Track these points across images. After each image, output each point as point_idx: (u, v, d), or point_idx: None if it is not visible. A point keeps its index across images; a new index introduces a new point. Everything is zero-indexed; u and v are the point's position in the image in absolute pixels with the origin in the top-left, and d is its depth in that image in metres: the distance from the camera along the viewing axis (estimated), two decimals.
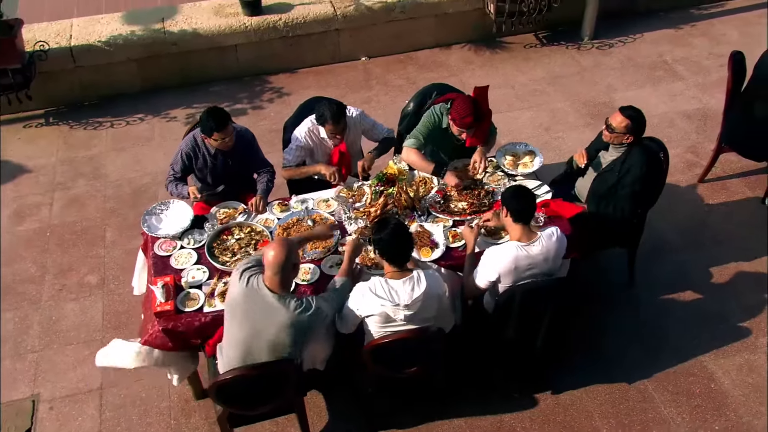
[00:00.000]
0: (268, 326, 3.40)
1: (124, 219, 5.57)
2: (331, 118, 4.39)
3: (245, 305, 3.42)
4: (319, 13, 6.81)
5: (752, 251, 5.15)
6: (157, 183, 5.85)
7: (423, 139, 4.63)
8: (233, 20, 6.67)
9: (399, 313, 3.54)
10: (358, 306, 3.60)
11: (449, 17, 7.17)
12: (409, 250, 3.61)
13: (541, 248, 3.74)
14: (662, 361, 4.47)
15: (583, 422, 4.19)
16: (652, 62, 7.11)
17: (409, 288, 3.55)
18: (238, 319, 3.45)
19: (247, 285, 3.42)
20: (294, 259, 3.44)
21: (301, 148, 4.65)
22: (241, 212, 4.39)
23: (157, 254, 4.15)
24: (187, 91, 6.78)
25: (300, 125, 4.68)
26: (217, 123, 4.25)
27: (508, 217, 3.75)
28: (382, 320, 3.59)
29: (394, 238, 3.55)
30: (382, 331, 3.63)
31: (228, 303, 3.53)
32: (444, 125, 4.61)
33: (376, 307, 3.55)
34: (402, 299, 3.52)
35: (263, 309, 3.39)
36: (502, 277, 3.73)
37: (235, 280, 3.47)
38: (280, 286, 3.41)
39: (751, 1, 7.96)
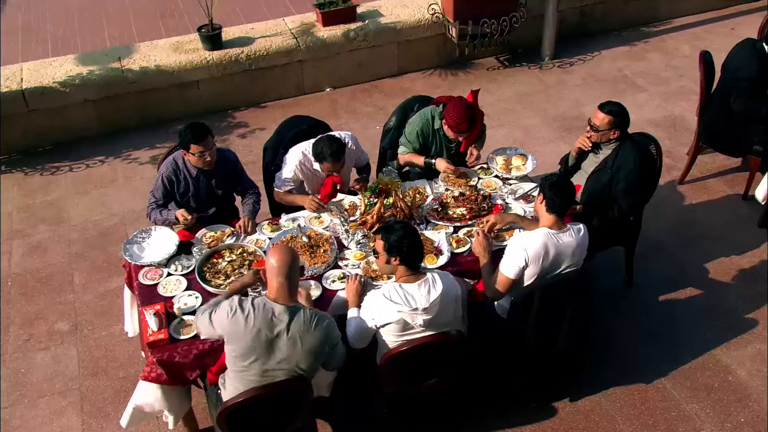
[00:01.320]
0: (282, 344, 3.10)
1: (92, 262, 5.20)
2: (330, 157, 4.18)
3: (251, 328, 3.09)
4: (281, 44, 6.70)
5: (743, 245, 5.15)
6: (125, 223, 5.52)
7: (416, 143, 4.52)
8: (194, 55, 6.49)
9: (417, 318, 3.32)
10: (374, 315, 3.37)
11: (411, 44, 7.16)
12: (422, 249, 3.43)
13: (570, 239, 3.61)
14: (675, 359, 4.35)
15: (606, 427, 4.00)
16: (613, 77, 7.22)
17: (425, 291, 3.34)
18: (244, 348, 3.12)
19: (243, 311, 3.09)
20: (300, 262, 3.23)
21: (289, 180, 4.43)
22: (228, 235, 4.13)
23: (142, 283, 3.83)
24: (149, 131, 6.51)
25: (290, 153, 4.44)
26: (195, 134, 4.02)
27: (542, 204, 3.62)
28: (400, 328, 3.36)
29: (407, 238, 3.36)
30: (399, 341, 3.40)
31: (227, 337, 3.17)
32: (436, 126, 4.52)
33: (392, 315, 3.32)
34: (420, 303, 3.31)
35: (272, 325, 3.09)
36: (531, 264, 3.56)
37: (222, 316, 3.13)
38: (289, 295, 3.14)
39: (695, 18, 8.25)
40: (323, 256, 3.93)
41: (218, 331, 3.17)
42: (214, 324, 3.17)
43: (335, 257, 3.93)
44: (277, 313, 3.09)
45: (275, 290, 3.15)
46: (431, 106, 4.62)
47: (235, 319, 3.08)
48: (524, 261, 3.57)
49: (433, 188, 4.43)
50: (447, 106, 4.38)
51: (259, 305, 3.10)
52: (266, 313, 3.09)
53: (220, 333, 3.16)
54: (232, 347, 3.14)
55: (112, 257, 5.22)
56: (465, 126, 4.31)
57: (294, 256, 3.19)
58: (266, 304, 3.12)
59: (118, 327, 4.64)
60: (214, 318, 3.16)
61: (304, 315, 3.13)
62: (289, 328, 3.08)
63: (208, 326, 3.21)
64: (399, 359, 3.35)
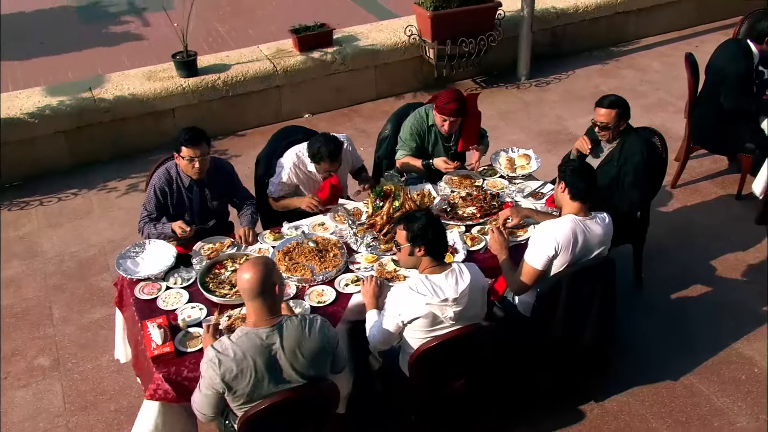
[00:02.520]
0: (283, 363, 2.81)
1: (72, 294, 4.85)
2: (328, 157, 4.01)
3: (246, 365, 2.76)
4: (258, 69, 6.55)
5: (744, 242, 5.10)
6: (105, 253, 5.20)
7: (412, 142, 4.40)
8: (169, 83, 6.29)
9: (447, 310, 3.11)
10: (400, 311, 3.14)
11: (389, 67, 7.11)
12: (446, 238, 3.23)
13: (598, 227, 3.48)
14: (697, 355, 4.21)
15: (638, 426, 3.81)
16: (590, 93, 7.25)
17: (453, 281, 3.14)
18: (248, 387, 2.80)
19: (227, 355, 2.74)
20: (275, 278, 2.83)
21: (284, 184, 4.24)
22: (228, 246, 3.88)
23: (139, 298, 3.54)
24: (124, 162, 6.23)
25: (284, 157, 4.26)
26: (189, 137, 3.80)
27: (565, 192, 3.48)
28: (428, 323, 3.13)
29: (431, 225, 3.17)
30: (428, 338, 3.16)
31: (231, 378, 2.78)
32: (430, 122, 4.42)
33: (420, 308, 3.10)
34: (449, 294, 3.10)
35: (265, 351, 2.77)
36: (561, 253, 3.39)
37: (211, 377, 2.76)
38: (267, 313, 2.80)
39: (660, 38, 8.44)
40: (333, 261, 3.71)
41: (218, 389, 2.78)
42: (208, 390, 2.79)
43: (346, 261, 3.72)
44: (265, 337, 2.78)
45: (252, 315, 2.82)
46: (424, 106, 4.51)
47: (224, 369, 2.72)
48: (554, 250, 3.40)
49: (438, 191, 4.27)
50: (438, 94, 4.34)
51: (241, 340, 2.77)
52: (252, 343, 2.76)
53: (220, 390, 2.78)
54: (234, 396, 2.80)
55: (93, 288, 4.88)
56: (452, 106, 4.20)
57: (267, 272, 2.78)
58: (248, 333, 2.78)
59: (105, 358, 4.30)
60: (204, 385, 2.80)
61: (293, 324, 2.84)
62: (283, 346, 2.79)
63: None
64: (430, 355, 3.11)
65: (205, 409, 2.88)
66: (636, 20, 8.28)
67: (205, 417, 2.94)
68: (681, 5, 8.44)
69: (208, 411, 2.88)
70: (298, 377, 2.82)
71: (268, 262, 2.87)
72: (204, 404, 2.87)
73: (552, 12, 7.69)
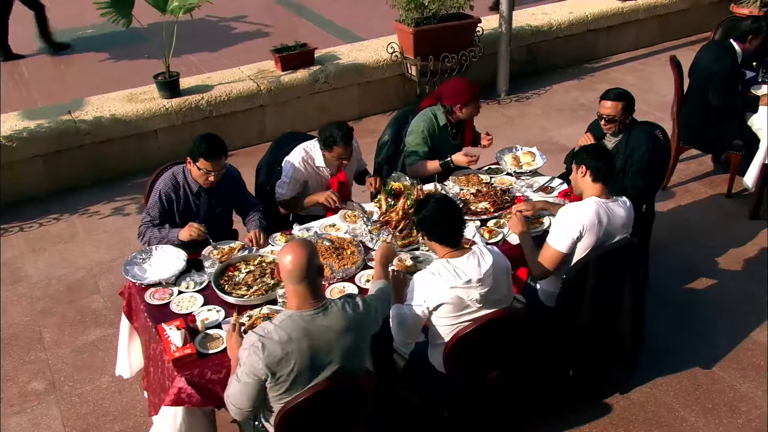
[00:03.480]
0: (333, 346, 2.69)
1: (63, 316, 4.60)
2: (341, 139, 3.94)
3: (292, 349, 2.63)
4: (242, 89, 6.46)
5: (742, 237, 5.16)
6: (94, 275, 4.97)
7: (424, 146, 4.34)
8: (151, 104, 6.14)
9: (472, 292, 3.00)
10: (425, 297, 3.03)
11: (371, 85, 7.09)
12: (460, 224, 3.12)
13: (620, 209, 3.44)
14: (713, 344, 4.19)
15: (667, 416, 3.74)
16: (570, 105, 7.37)
17: (475, 263, 3.04)
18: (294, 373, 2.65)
19: (272, 340, 2.61)
20: (317, 261, 2.74)
21: (295, 179, 4.13)
22: (239, 249, 3.73)
23: (151, 304, 3.36)
24: (105, 186, 6.02)
25: (291, 155, 4.17)
26: (209, 149, 3.66)
27: (586, 176, 3.44)
28: (455, 308, 3.02)
29: (439, 213, 3.08)
30: (456, 324, 3.05)
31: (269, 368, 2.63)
32: (441, 122, 4.38)
33: (445, 292, 2.99)
34: (472, 275, 3.00)
35: (308, 335, 2.64)
36: (586, 234, 3.34)
37: (254, 363, 2.61)
38: (311, 296, 2.69)
39: (628, 55, 8.65)
40: (351, 258, 3.59)
41: (261, 377, 2.63)
42: (249, 378, 2.64)
43: (363, 258, 3.60)
44: (310, 320, 2.65)
45: (295, 298, 2.69)
46: (428, 108, 4.48)
47: (268, 354, 2.59)
48: (579, 232, 3.35)
49: (447, 190, 4.21)
50: (442, 87, 4.40)
51: (285, 323, 2.64)
52: (297, 325, 2.63)
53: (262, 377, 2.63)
54: (275, 383, 2.65)
55: (85, 310, 4.64)
56: (477, 89, 4.35)
57: (311, 253, 2.70)
58: (291, 316, 2.66)
59: (105, 379, 4.07)
60: (244, 374, 2.64)
61: (337, 306, 2.73)
62: (330, 328, 2.67)
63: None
64: (467, 341, 2.99)
65: (243, 401, 2.70)
66: (606, 37, 8.48)
67: (240, 412, 2.75)
68: (646, 23, 8.70)
69: (246, 403, 2.70)
70: (341, 362, 2.69)
71: (310, 244, 2.77)
72: (242, 396, 2.69)
73: (527, 29, 7.82)
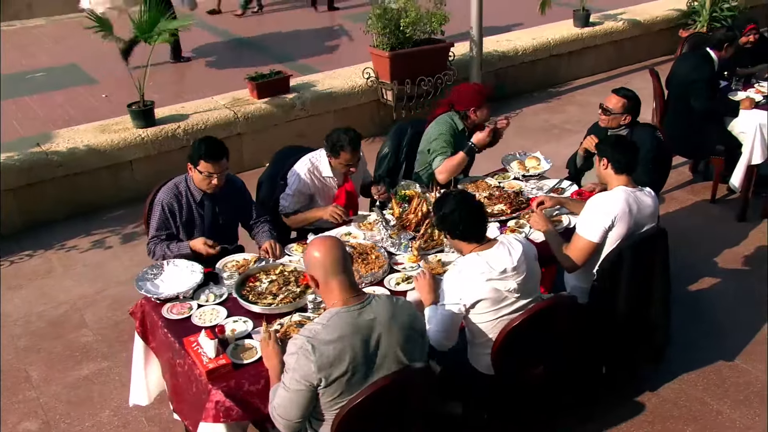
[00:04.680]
0: (382, 341, 2.51)
1: (49, 353, 4.26)
2: (349, 144, 3.84)
3: (346, 345, 2.46)
4: (218, 117, 6.30)
5: (733, 238, 5.23)
6: (79, 309, 4.66)
7: (449, 147, 4.28)
8: (127, 134, 5.91)
9: (509, 282, 2.90)
10: (461, 294, 2.91)
11: (347, 112, 7.03)
12: (482, 220, 3.03)
13: (647, 198, 3.43)
14: (728, 339, 4.17)
15: (701, 409, 3.68)
16: (542, 127, 7.46)
17: (506, 252, 2.95)
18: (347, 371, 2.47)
19: (322, 340, 2.43)
20: (347, 253, 2.65)
21: (300, 192, 3.99)
22: (255, 261, 3.54)
23: (169, 318, 3.12)
24: (79, 220, 5.70)
25: (296, 166, 4.04)
26: (208, 150, 3.53)
27: (609, 169, 3.41)
28: (492, 302, 2.91)
29: (459, 209, 2.99)
30: (496, 319, 2.93)
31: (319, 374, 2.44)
32: (460, 127, 4.37)
33: (481, 286, 2.88)
34: (506, 264, 2.90)
35: (359, 330, 2.47)
36: (618, 223, 3.30)
37: (305, 367, 2.43)
38: (352, 289, 2.56)
39: (589, 79, 8.88)
40: (377, 262, 3.46)
41: (313, 382, 2.43)
42: (299, 386, 2.45)
43: (389, 263, 3.47)
44: (357, 314, 2.49)
45: (337, 293, 2.53)
46: (441, 115, 4.43)
47: (319, 355, 2.40)
48: (611, 221, 3.31)
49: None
50: (452, 95, 4.38)
51: (333, 321, 2.47)
52: (345, 321, 2.47)
53: (315, 383, 2.44)
54: (328, 387, 2.45)
55: (74, 344, 4.32)
56: (484, 95, 4.35)
57: (341, 244, 2.62)
58: (338, 313, 2.49)
59: (106, 414, 3.77)
60: (293, 380, 2.45)
61: (382, 300, 2.59)
62: (379, 322, 2.51)
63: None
64: (516, 334, 2.87)
65: (293, 411, 2.49)
66: (567, 63, 8.69)
67: (289, 425, 2.53)
68: (604, 48, 8.97)
69: (296, 414, 2.49)
70: (394, 357, 2.52)
71: (334, 236, 2.67)
72: (292, 406, 2.48)
73: (494, 55, 7.94)
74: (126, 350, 4.22)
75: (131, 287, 4.73)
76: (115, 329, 4.45)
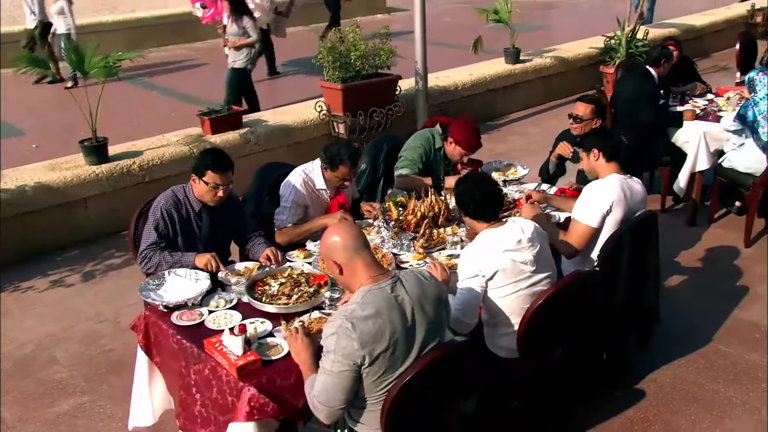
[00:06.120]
0: (417, 316, 2.50)
1: (21, 392, 3.96)
2: (349, 159, 3.85)
3: (389, 321, 2.43)
4: (174, 152, 6.16)
5: (687, 242, 5.50)
6: (46, 347, 4.37)
7: (420, 163, 4.33)
8: (80, 170, 5.68)
9: (525, 253, 2.98)
10: (480, 267, 2.95)
11: (301, 146, 7.02)
12: (495, 202, 3.13)
13: (637, 186, 3.59)
14: (704, 329, 4.34)
15: (698, 390, 3.82)
16: (489, 155, 7.48)
17: (518, 228, 3.05)
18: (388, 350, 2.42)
19: (364, 318, 2.40)
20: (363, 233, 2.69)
21: (296, 203, 3.94)
22: (257, 269, 3.45)
23: (182, 325, 2.98)
24: (31, 263, 5.37)
25: (290, 178, 3.99)
26: (215, 161, 3.48)
27: (599, 159, 3.56)
28: (510, 274, 2.97)
29: (476, 188, 3.10)
30: (515, 293, 2.98)
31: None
32: (437, 145, 4.42)
33: (498, 258, 2.95)
34: (520, 236, 2.98)
35: (394, 305, 2.44)
36: (615, 207, 3.44)
37: (348, 347, 2.38)
38: (376, 265, 2.55)
39: (523, 113, 9.27)
40: (384, 260, 3.43)
41: (356, 361, 2.38)
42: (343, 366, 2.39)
43: (396, 262, 3.46)
44: (390, 290, 2.47)
45: (363, 271, 2.51)
46: (427, 129, 4.54)
47: (361, 332, 2.36)
48: (609, 205, 3.44)
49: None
50: (453, 125, 4.37)
51: (368, 298, 2.44)
52: (379, 297, 2.44)
53: (358, 362, 2.38)
54: (372, 365, 2.40)
55: (47, 381, 4.04)
56: (475, 144, 4.33)
57: (354, 225, 2.75)
58: (371, 290, 2.46)
59: None
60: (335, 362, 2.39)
61: (410, 275, 2.58)
62: (410, 296, 2.49)
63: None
64: (544, 311, 2.90)
65: (337, 396, 2.41)
66: (503, 97, 9.07)
67: (332, 411, 2.45)
68: (534, 84, 9.42)
69: (339, 399, 2.41)
70: (430, 332, 2.51)
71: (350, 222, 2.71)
72: (335, 390, 2.40)
73: (436, 89, 8.19)
74: (107, 383, 4.02)
75: (103, 322, 4.58)
76: (90, 364, 4.19)
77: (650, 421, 3.58)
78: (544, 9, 17.56)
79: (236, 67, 8.00)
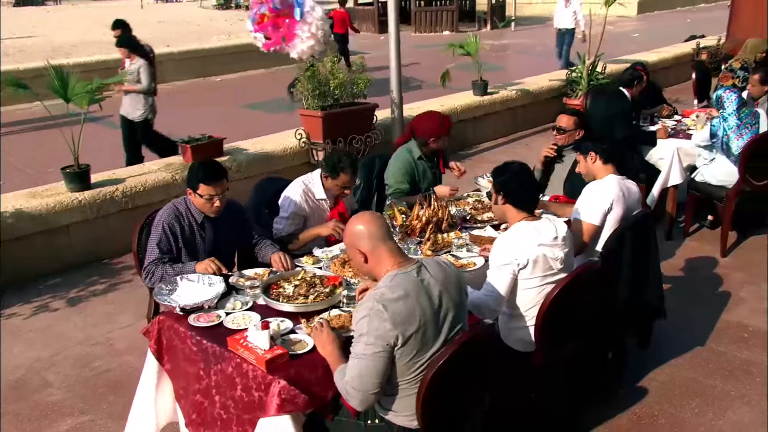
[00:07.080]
0: (444, 300, 2.54)
1: (16, 415, 3.83)
2: (350, 166, 3.91)
3: (418, 303, 2.47)
4: (157, 179, 6.13)
5: (668, 254, 5.63)
6: (38, 371, 4.24)
7: (404, 184, 4.43)
8: (62, 197, 5.59)
9: (557, 251, 3.07)
10: (515, 254, 3.02)
11: (282, 174, 6.99)
12: (536, 191, 3.25)
13: (633, 186, 3.74)
14: (693, 331, 4.46)
15: (698, 386, 3.92)
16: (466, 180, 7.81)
17: (552, 226, 3.14)
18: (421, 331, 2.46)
19: (400, 299, 2.44)
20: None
21: (295, 214, 3.97)
22: (268, 274, 3.45)
23: (197, 326, 2.96)
24: (14, 292, 5.23)
25: (289, 189, 4.03)
26: (206, 173, 3.47)
27: (597, 161, 3.69)
28: (541, 268, 3.05)
29: (519, 178, 3.19)
30: (540, 286, 3.05)
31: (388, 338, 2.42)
32: (416, 156, 4.51)
33: (534, 248, 3.04)
34: (554, 233, 3.07)
35: (421, 288, 2.48)
36: (616, 205, 3.58)
37: (381, 327, 2.40)
38: (401, 254, 2.60)
39: (493, 143, 9.49)
40: None
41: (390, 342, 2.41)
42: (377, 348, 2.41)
43: None
44: (416, 274, 2.51)
45: (389, 259, 2.55)
46: (402, 146, 4.64)
47: (392, 313, 2.39)
48: (609, 203, 3.57)
49: None
50: (416, 123, 4.54)
51: (396, 281, 2.47)
52: (405, 281, 2.48)
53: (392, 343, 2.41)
54: (405, 347, 2.43)
55: (42, 404, 3.92)
56: (448, 123, 4.53)
57: (378, 214, 2.75)
58: (397, 274, 2.49)
59: None
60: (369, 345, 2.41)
61: (432, 261, 2.65)
62: (435, 280, 2.53)
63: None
64: (558, 307, 2.97)
65: (370, 380, 2.42)
66: (473, 127, 9.28)
67: (365, 396, 2.46)
68: (502, 114, 9.68)
69: (373, 383, 2.43)
70: (455, 315, 2.55)
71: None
72: (369, 374, 2.42)
73: (407, 120, 8.33)
74: (106, 402, 3.93)
75: (94, 345, 4.49)
76: (86, 385, 4.08)
77: (656, 416, 3.66)
78: (501, 51, 18.12)
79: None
